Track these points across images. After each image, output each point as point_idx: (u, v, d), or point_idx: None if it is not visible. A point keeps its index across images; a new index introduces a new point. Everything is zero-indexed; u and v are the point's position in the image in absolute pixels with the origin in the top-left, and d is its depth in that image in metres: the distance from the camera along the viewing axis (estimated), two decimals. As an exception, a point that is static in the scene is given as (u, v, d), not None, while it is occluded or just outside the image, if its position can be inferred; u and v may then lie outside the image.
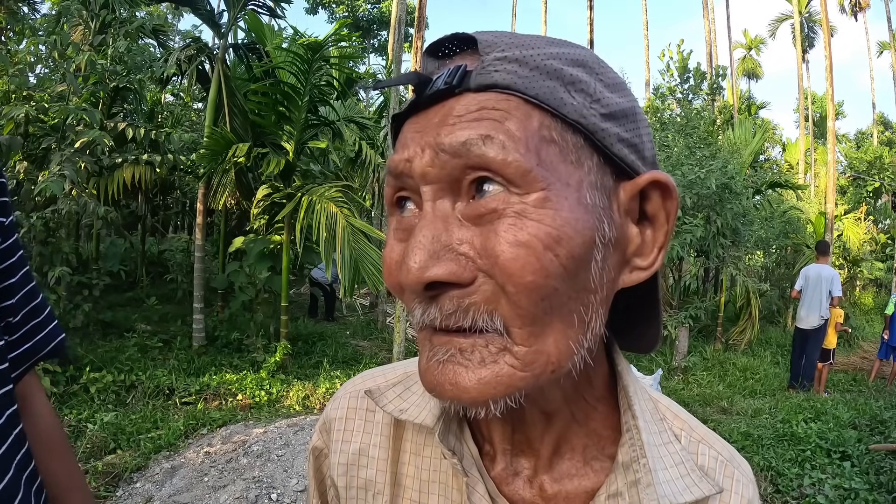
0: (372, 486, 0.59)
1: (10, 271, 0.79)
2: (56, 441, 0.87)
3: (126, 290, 10.92)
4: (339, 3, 29.43)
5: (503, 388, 0.41)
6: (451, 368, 0.42)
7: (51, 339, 0.86)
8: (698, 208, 8.04)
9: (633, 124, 0.47)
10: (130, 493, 3.90)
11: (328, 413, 0.65)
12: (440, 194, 0.43)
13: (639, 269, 0.48)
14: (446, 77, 0.43)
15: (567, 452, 0.53)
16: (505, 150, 0.40)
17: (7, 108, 6.14)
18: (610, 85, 0.46)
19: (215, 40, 8.79)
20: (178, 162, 8.93)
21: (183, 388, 5.95)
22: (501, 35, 0.45)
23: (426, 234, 0.41)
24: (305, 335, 8.82)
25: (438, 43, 0.46)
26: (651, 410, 0.54)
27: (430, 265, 0.40)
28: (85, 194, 6.34)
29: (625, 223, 0.47)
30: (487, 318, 0.41)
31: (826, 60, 11.45)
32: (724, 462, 0.55)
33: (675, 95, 10.89)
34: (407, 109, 0.46)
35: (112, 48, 7.28)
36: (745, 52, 36.57)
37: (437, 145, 0.41)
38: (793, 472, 4.71)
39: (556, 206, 0.41)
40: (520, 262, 0.39)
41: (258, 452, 4.25)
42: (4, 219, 0.79)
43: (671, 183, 0.47)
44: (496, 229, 0.40)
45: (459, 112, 0.42)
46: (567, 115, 0.42)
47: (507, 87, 0.41)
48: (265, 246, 7.89)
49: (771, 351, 10.28)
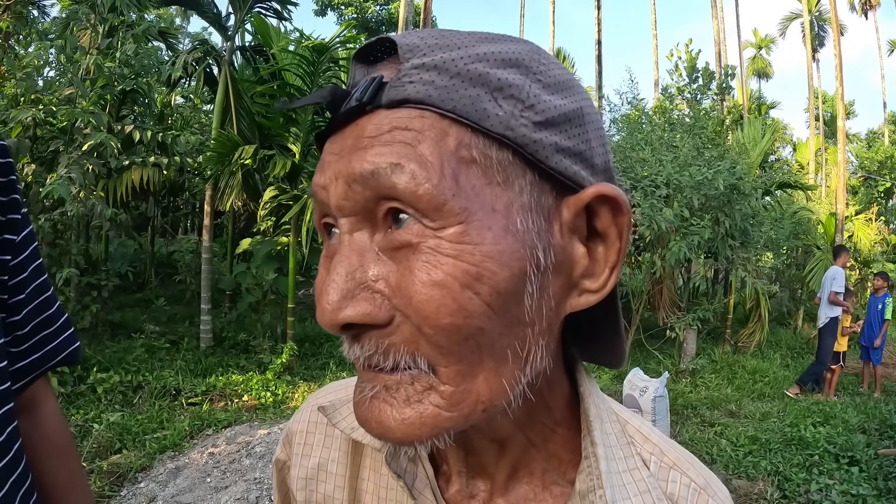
0: (330, 501, 0.58)
1: (19, 287, 0.79)
2: (61, 445, 0.88)
3: (135, 291, 11.01)
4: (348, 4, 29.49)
5: (428, 430, 0.39)
6: (377, 405, 0.40)
7: (63, 349, 0.86)
8: (706, 209, 7.99)
9: (578, 129, 0.42)
10: (134, 492, 3.92)
11: (290, 426, 0.64)
12: (357, 226, 0.40)
13: (589, 291, 0.43)
14: (359, 93, 0.39)
15: (525, 476, 0.50)
16: (415, 180, 0.36)
17: (15, 112, 6.19)
18: (550, 85, 0.41)
19: (223, 43, 8.83)
20: (186, 164, 8.98)
21: (189, 389, 5.98)
22: (428, 36, 0.41)
23: (339, 272, 0.39)
24: (312, 336, 8.84)
25: (366, 48, 0.43)
26: (617, 433, 0.51)
27: (342, 306, 0.38)
28: (93, 196, 6.38)
29: (569, 244, 0.42)
30: (409, 360, 0.39)
31: (836, 59, 11.36)
32: (696, 490, 0.50)
33: (684, 95, 10.85)
34: (327, 127, 0.43)
35: (120, 51, 7.33)
36: (755, 52, 36.36)
37: (348, 175, 0.38)
38: (800, 477, 4.67)
39: (477, 239, 0.37)
40: (434, 303, 0.36)
41: (261, 454, 4.27)
42: (15, 236, 0.78)
43: (620, 196, 0.42)
44: (411, 266, 0.37)
45: (371, 133, 0.38)
46: (490, 128, 0.38)
47: (420, 101, 0.38)
48: (272, 247, 7.92)
49: (781, 353, 10.19)
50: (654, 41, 21.43)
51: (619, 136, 10.34)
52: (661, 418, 5.46)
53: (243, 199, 8.68)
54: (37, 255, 0.83)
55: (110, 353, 6.64)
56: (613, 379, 7.58)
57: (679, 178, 7.67)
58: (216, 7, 8.50)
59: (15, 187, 0.79)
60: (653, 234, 7.48)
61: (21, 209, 0.79)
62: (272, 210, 7.89)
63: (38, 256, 0.84)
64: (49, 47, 7.54)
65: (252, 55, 8.68)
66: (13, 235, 0.78)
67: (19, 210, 0.79)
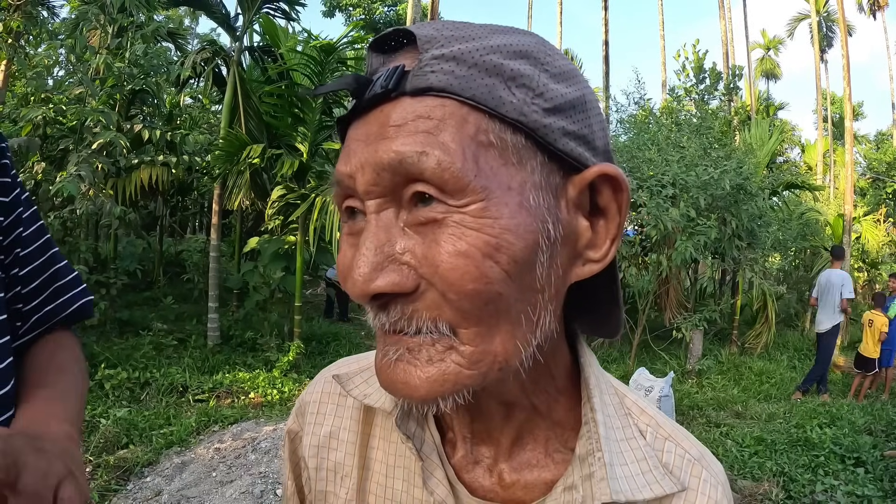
0: (341, 468, 0.61)
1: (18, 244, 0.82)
2: (66, 362, 0.85)
3: (143, 289, 11.07)
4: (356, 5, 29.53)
5: (450, 386, 0.43)
6: (401, 367, 0.43)
7: (75, 301, 0.88)
8: (712, 209, 7.96)
9: (581, 115, 0.46)
10: (141, 486, 3.96)
11: (303, 397, 0.67)
12: (384, 206, 0.43)
13: (591, 261, 0.48)
14: (383, 80, 0.42)
15: (529, 443, 0.54)
16: (440, 165, 0.40)
17: (26, 111, 6.27)
18: (556, 75, 0.45)
19: (231, 43, 8.89)
20: (194, 163, 9.03)
21: (196, 386, 6.02)
22: (443, 27, 0.44)
23: (369, 247, 0.42)
24: (319, 335, 8.88)
25: (382, 38, 0.46)
26: (616, 405, 0.54)
27: (373, 277, 0.41)
28: (102, 195, 6.44)
29: (574, 218, 0.46)
30: (431, 325, 0.42)
31: (843, 60, 11.31)
32: (691, 461, 0.53)
33: (691, 96, 10.82)
34: (350, 112, 0.46)
35: (129, 51, 7.40)
36: (763, 53, 36.20)
37: (376, 164, 0.41)
38: (805, 477, 4.66)
39: (496, 214, 0.41)
40: (459, 271, 0.40)
41: (266, 449, 4.30)
42: (5, 198, 0.81)
43: (620, 175, 0.46)
44: (437, 238, 0.41)
45: (396, 121, 0.41)
46: (506, 114, 0.42)
47: (442, 89, 0.41)
48: (280, 246, 7.96)
49: (788, 355, 10.14)
50: (661, 42, 21.39)
51: (626, 137, 10.34)
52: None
53: (251, 198, 8.73)
54: (36, 217, 0.86)
55: (118, 349, 6.69)
56: (619, 379, 7.56)
57: (685, 178, 7.65)
58: (224, 8, 8.56)
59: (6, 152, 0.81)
60: (659, 234, 7.47)
61: (10, 172, 0.82)
62: (280, 209, 7.94)
63: (39, 219, 0.86)
64: (59, 47, 7.60)
65: (260, 55, 8.73)
66: (3, 197, 0.81)
67: (8, 174, 0.82)
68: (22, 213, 0.83)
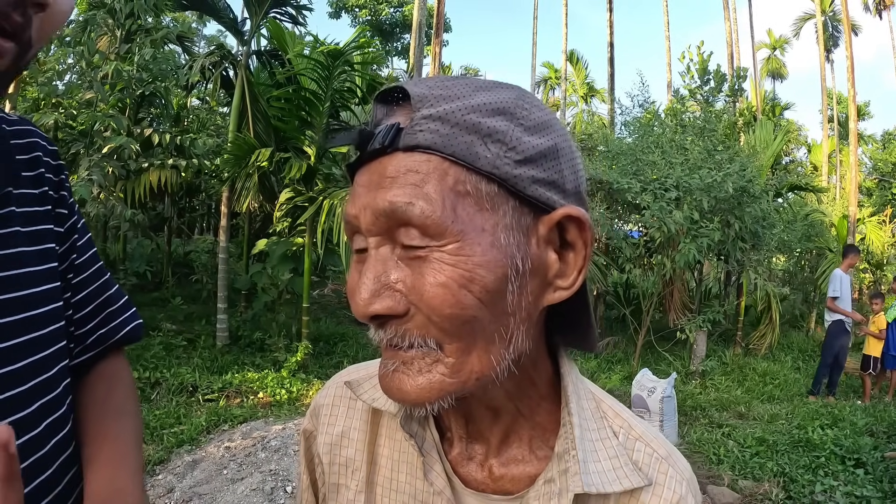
0: (352, 463, 0.69)
1: (80, 268, 0.88)
2: (119, 405, 0.88)
3: (152, 290, 11.17)
4: (362, 7, 29.57)
5: (436, 393, 0.51)
6: (397, 377, 0.52)
7: (127, 324, 0.93)
8: (716, 211, 8.00)
9: (552, 163, 0.53)
10: (153, 484, 4.05)
11: (317, 400, 0.75)
12: (382, 242, 0.51)
13: (561, 288, 0.55)
14: (381, 138, 0.50)
15: (515, 442, 0.62)
16: (423, 213, 0.48)
17: (37, 116, 6.37)
18: (530, 128, 0.52)
19: (239, 47, 8.97)
20: (203, 166, 9.11)
21: (206, 386, 6.09)
22: (435, 86, 0.52)
23: (369, 276, 0.51)
24: (327, 336, 8.93)
25: (386, 92, 0.54)
26: (592, 409, 0.62)
27: (372, 302, 0.50)
28: (112, 198, 6.54)
29: (544, 252, 0.54)
30: (420, 340, 0.51)
31: (847, 60, 11.32)
32: (658, 458, 0.60)
33: (696, 97, 10.85)
34: (356, 161, 0.54)
35: (138, 56, 7.49)
36: (769, 52, 36.08)
37: (374, 209, 0.50)
38: (805, 478, 4.69)
39: (469, 252, 0.49)
40: (439, 298, 0.48)
41: (276, 447, 4.39)
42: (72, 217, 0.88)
43: (584, 216, 0.53)
44: (422, 272, 0.49)
45: (391, 173, 0.50)
46: (481, 168, 0.49)
47: (428, 147, 0.49)
48: (288, 248, 8.03)
49: (792, 356, 10.14)
50: (666, 43, 21.40)
51: (630, 139, 10.38)
52: (669, 419, 5.49)
53: (259, 200, 8.81)
54: (91, 245, 0.92)
55: (128, 350, 6.75)
56: (623, 380, 7.63)
57: (689, 181, 7.70)
58: (232, 12, 8.64)
59: (65, 182, 0.88)
60: (663, 236, 7.52)
61: (68, 202, 0.88)
62: (288, 211, 8.00)
63: (93, 245, 0.93)
64: (69, 52, 7.70)
65: (268, 59, 8.80)
66: (58, 228, 0.86)
67: (66, 204, 0.88)
68: (77, 240, 0.89)
